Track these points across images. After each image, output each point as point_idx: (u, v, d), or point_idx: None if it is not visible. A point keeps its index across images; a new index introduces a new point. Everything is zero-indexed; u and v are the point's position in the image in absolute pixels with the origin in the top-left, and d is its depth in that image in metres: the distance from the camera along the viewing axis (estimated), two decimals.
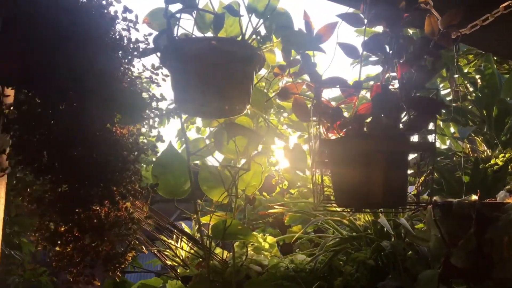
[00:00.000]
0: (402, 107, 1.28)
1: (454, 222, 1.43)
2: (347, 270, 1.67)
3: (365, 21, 1.38)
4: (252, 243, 1.70)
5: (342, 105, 1.58)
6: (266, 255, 1.79)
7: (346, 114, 1.41)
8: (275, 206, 1.94)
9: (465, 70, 4.61)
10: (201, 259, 1.61)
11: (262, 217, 3.31)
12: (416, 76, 1.30)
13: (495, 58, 4.36)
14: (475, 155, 3.49)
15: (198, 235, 1.60)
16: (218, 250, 1.73)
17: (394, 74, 1.37)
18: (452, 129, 4.43)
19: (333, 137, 1.38)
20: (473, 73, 4.01)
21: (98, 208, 1.06)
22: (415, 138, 1.42)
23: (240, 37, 1.31)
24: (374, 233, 1.83)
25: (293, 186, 3.00)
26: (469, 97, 4.02)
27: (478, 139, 3.72)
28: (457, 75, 4.44)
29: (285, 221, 2.79)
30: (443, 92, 4.84)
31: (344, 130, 1.37)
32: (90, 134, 1.09)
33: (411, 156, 1.56)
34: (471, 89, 4.00)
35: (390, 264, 1.66)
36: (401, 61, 1.24)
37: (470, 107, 4.13)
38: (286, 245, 2.68)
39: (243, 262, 1.60)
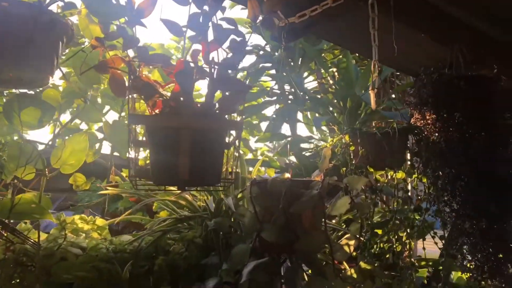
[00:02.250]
0: (216, 85, 1.31)
1: (269, 199, 1.51)
2: (176, 249, 1.67)
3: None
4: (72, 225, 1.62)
5: None
6: (97, 238, 1.73)
7: None
8: (107, 188, 1.88)
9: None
10: (10, 243, 1.49)
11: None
12: (230, 57, 1.33)
13: (358, 54, 4.73)
14: None
15: None
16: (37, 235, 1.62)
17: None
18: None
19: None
20: (331, 65, 4.30)
21: None
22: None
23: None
24: (210, 213, 1.87)
25: None
26: (330, 89, 4.31)
27: (335, 128, 4.01)
28: (322, 70, 4.74)
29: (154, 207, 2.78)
30: (312, 85, 5.15)
31: (164, 107, 1.36)
32: None
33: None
34: (331, 81, 4.29)
35: (217, 241, 1.71)
36: (209, 41, 1.25)
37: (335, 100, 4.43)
38: None
39: (60, 245, 1.52)
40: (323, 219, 1.44)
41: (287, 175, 1.53)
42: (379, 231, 1.78)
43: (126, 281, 1.46)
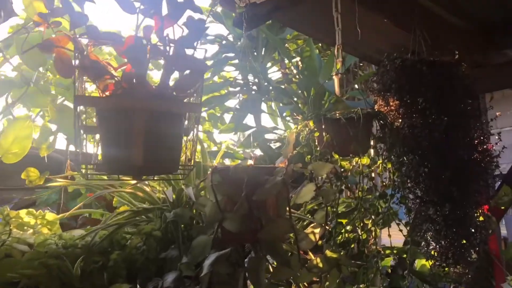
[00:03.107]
0: (171, 65, 1.22)
1: (231, 187, 1.43)
2: (133, 243, 1.58)
3: None
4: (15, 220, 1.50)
5: None
6: (47, 233, 1.60)
7: None
8: (58, 180, 1.76)
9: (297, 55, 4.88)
10: None
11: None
12: (187, 34, 1.24)
13: (321, 44, 4.71)
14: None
15: None
16: None
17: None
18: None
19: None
20: (294, 55, 4.27)
21: None
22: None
23: None
24: (170, 204, 1.78)
25: None
26: (294, 79, 4.27)
27: (300, 118, 3.98)
28: (287, 60, 4.70)
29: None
30: (276, 75, 5.10)
31: (116, 89, 1.26)
32: None
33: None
34: (294, 71, 4.26)
35: (177, 234, 1.62)
36: (163, 15, 1.16)
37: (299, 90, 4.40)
38: None
39: (5, 241, 1.39)
40: (288, 207, 1.38)
41: (250, 162, 1.45)
42: (344, 221, 1.74)
43: (78, 278, 1.36)
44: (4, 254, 1.36)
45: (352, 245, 1.73)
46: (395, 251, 2.21)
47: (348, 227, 1.75)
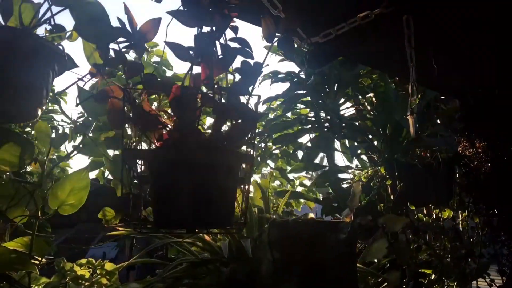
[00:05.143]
0: (221, 114, 1.14)
1: (290, 244, 1.30)
2: None
3: None
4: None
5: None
6: (106, 284, 1.57)
7: None
8: (119, 228, 1.74)
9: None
10: None
11: None
12: (239, 81, 1.16)
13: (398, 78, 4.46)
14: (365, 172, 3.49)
15: None
16: (42, 280, 1.49)
17: None
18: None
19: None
20: (368, 90, 4.06)
21: None
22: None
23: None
24: (229, 258, 1.67)
25: None
26: (368, 115, 4.05)
27: (374, 156, 3.73)
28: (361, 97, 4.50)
29: None
30: (350, 111, 4.90)
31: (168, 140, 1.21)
32: None
33: None
34: (369, 107, 4.04)
35: None
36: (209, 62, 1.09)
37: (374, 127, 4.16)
38: None
39: None
40: (353, 268, 1.21)
41: (311, 215, 1.32)
42: (424, 280, 1.51)
43: None
44: None
45: None
46: None
47: None
